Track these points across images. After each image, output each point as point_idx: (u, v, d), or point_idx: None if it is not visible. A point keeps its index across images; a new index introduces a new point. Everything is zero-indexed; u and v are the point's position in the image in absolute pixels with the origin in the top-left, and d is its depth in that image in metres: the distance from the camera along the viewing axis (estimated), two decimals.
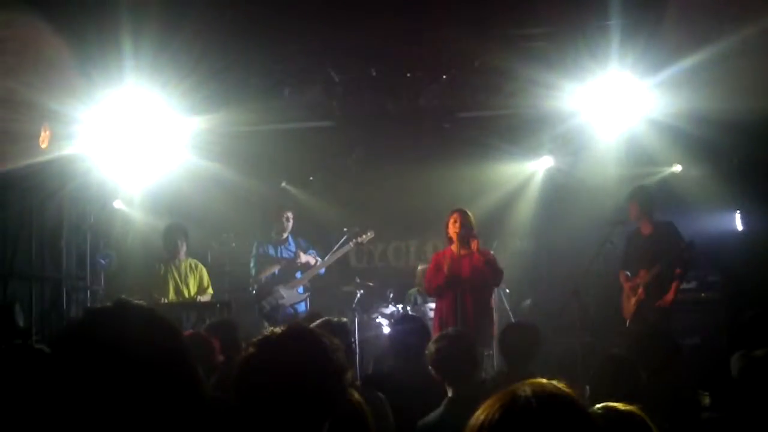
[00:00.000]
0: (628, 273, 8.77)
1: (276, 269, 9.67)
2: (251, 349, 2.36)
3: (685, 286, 9.53)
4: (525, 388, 1.68)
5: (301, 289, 9.78)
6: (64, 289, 9.86)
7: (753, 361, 2.50)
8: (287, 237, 9.87)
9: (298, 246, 9.85)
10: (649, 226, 8.69)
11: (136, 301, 1.90)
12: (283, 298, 9.57)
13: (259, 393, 2.27)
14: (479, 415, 1.68)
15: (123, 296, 1.93)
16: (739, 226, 9.94)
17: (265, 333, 2.40)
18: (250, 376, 2.31)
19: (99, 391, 1.71)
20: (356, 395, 2.98)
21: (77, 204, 10.27)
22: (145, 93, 8.89)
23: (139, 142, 9.56)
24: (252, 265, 9.81)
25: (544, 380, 1.75)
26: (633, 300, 8.61)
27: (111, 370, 1.72)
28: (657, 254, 8.45)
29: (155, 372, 1.76)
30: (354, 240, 10.12)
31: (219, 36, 8.17)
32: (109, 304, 1.88)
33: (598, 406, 2.80)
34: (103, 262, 10.46)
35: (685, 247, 8.36)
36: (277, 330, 2.40)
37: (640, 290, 8.53)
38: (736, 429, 3.68)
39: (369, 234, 10.23)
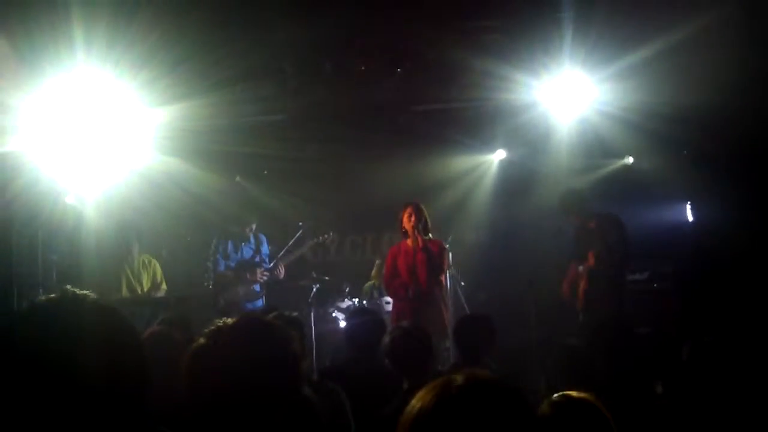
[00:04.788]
0: (581, 267, 8.85)
1: (239, 288, 9.56)
2: (202, 340, 2.33)
3: (637, 276, 9.69)
4: (457, 377, 1.69)
5: (258, 287, 9.71)
6: (15, 286, 9.70)
7: (701, 347, 2.55)
8: (249, 235, 9.80)
9: (258, 242, 9.80)
10: (592, 220, 8.77)
11: (81, 292, 1.84)
12: (239, 294, 9.51)
13: (211, 383, 2.25)
14: (415, 403, 1.69)
15: (68, 287, 1.86)
16: (690, 217, 10.08)
17: (217, 323, 2.37)
18: (201, 366, 2.29)
19: (45, 385, 1.66)
20: (305, 389, 2.98)
21: (28, 199, 10.10)
22: (97, 87, 8.77)
23: (91, 137, 9.43)
24: (211, 261, 9.72)
25: (478, 370, 1.77)
26: (580, 291, 8.68)
27: (58, 363, 1.68)
28: (599, 245, 8.55)
29: (104, 365, 1.72)
30: (314, 240, 10.11)
31: (172, 30, 8.09)
32: (53, 295, 1.82)
33: (555, 395, 2.84)
34: (55, 258, 10.30)
35: (613, 239, 8.44)
36: (229, 320, 2.38)
37: (584, 281, 8.61)
38: (687, 414, 3.74)
39: (328, 235, 10.24)
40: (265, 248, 9.83)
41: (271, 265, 9.74)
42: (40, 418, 1.66)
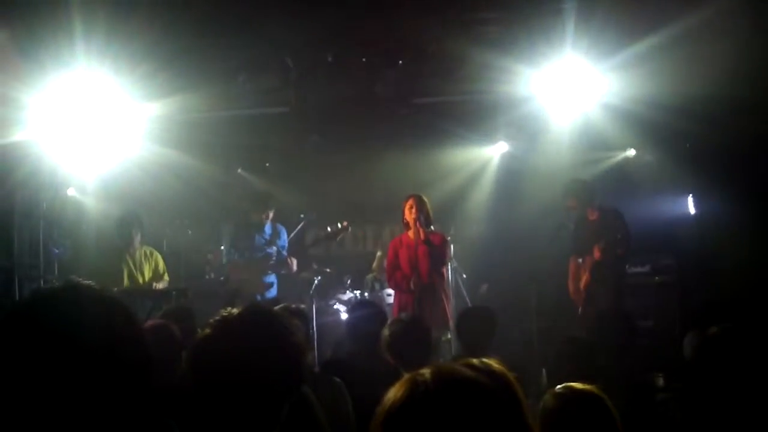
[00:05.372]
0: (580, 260, 8.86)
1: (249, 278, 9.49)
2: (208, 330, 2.32)
3: (639, 269, 9.68)
4: (425, 372, 1.69)
5: (271, 278, 9.66)
6: (16, 278, 9.70)
7: (708, 340, 2.54)
8: (265, 224, 9.72)
9: (274, 233, 9.74)
10: (594, 213, 8.78)
11: (82, 282, 1.83)
12: (248, 286, 9.45)
13: (216, 374, 2.24)
14: (386, 399, 1.69)
15: (72, 277, 1.85)
16: (692, 210, 10.06)
17: (223, 313, 2.37)
18: (206, 356, 2.28)
19: (46, 376, 1.65)
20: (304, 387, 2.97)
21: (29, 191, 10.09)
22: (97, 79, 8.76)
23: (92, 129, 9.42)
24: (224, 250, 9.66)
25: (447, 363, 1.77)
26: (582, 285, 8.69)
27: (60, 353, 1.67)
28: (602, 238, 8.55)
29: (106, 355, 1.71)
30: (332, 229, 10.06)
31: (173, 21, 8.07)
32: (57, 285, 1.82)
33: (558, 387, 2.83)
34: (56, 250, 10.30)
35: (621, 234, 8.45)
36: (235, 310, 2.37)
37: (587, 275, 8.62)
38: (690, 408, 3.74)
39: (341, 225, 10.16)
40: (282, 240, 9.74)
41: (275, 260, 9.66)
42: (39, 409, 1.65)
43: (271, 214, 9.69)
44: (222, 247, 9.67)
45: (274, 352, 2.26)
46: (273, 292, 9.59)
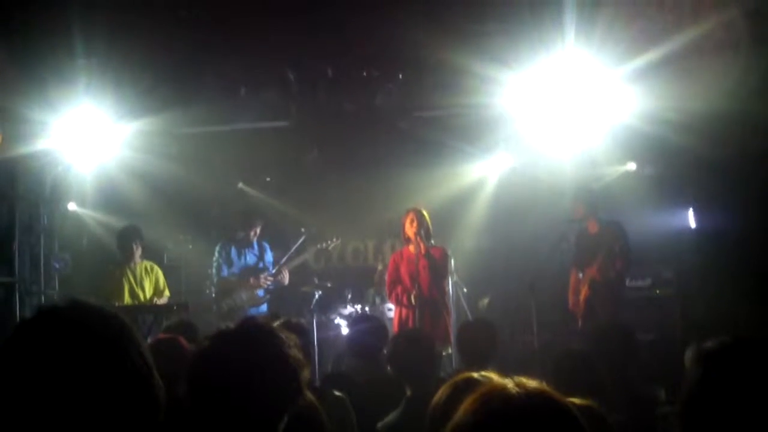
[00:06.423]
0: (581, 274, 8.87)
1: (242, 294, 9.51)
2: (206, 343, 2.33)
3: (639, 283, 9.68)
4: (507, 383, 1.68)
5: (261, 292, 9.66)
6: (17, 293, 9.70)
7: (704, 354, 2.52)
8: (253, 241, 9.73)
9: (261, 250, 9.75)
10: (595, 225, 8.82)
11: (85, 300, 1.83)
12: (242, 300, 9.46)
13: (214, 387, 2.25)
14: (473, 414, 1.66)
15: (75, 296, 1.86)
16: (693, 224, 10.05)
17: (221, 328, 2.39)
18: (204, 370, 2.29)
19: (50, 394, 1.66)
20: (309, 396, 2.96)
21: (30, 206, 10.11)
22: (97, 93, 8.78)
23: (92, 143, 9.44)
24: (214, 267, 9.67)
25: (524, 379, 1.76)
26: (581, 298, 8.70)
27: (64, 371, 1.67)
28: (602, 251, 8.57)
29: (109, 372, 1.72)
30: (319, 245, 10.08)
31: (174, 36, 8.09)
32: (61, 303, 1.82)
33: None
34: (57, 265, 10.30)
35: (620, 246, 8.47)
36: (232, 325, 2.39)
37: (586, 288, 8.63)
38: (689, 423, 3.72)
39: (332, 241, 10.18)
40: (268, 256, 9.77)
41: (275, 270, 9.68)
42: (44, 426, 1.65)
43: (258, 231, 9.69)
44: (214, 263, 9.64)
45: (271, 366, 2.28)
46: (264, 308, 9.58)
